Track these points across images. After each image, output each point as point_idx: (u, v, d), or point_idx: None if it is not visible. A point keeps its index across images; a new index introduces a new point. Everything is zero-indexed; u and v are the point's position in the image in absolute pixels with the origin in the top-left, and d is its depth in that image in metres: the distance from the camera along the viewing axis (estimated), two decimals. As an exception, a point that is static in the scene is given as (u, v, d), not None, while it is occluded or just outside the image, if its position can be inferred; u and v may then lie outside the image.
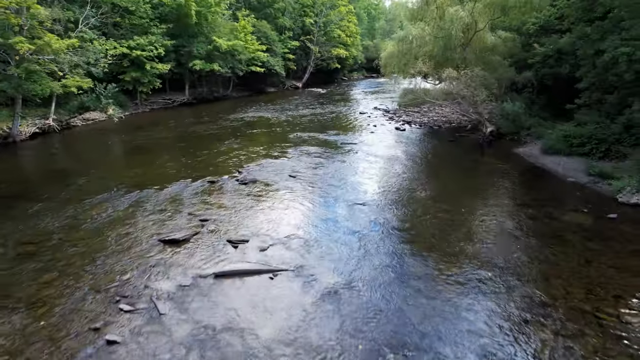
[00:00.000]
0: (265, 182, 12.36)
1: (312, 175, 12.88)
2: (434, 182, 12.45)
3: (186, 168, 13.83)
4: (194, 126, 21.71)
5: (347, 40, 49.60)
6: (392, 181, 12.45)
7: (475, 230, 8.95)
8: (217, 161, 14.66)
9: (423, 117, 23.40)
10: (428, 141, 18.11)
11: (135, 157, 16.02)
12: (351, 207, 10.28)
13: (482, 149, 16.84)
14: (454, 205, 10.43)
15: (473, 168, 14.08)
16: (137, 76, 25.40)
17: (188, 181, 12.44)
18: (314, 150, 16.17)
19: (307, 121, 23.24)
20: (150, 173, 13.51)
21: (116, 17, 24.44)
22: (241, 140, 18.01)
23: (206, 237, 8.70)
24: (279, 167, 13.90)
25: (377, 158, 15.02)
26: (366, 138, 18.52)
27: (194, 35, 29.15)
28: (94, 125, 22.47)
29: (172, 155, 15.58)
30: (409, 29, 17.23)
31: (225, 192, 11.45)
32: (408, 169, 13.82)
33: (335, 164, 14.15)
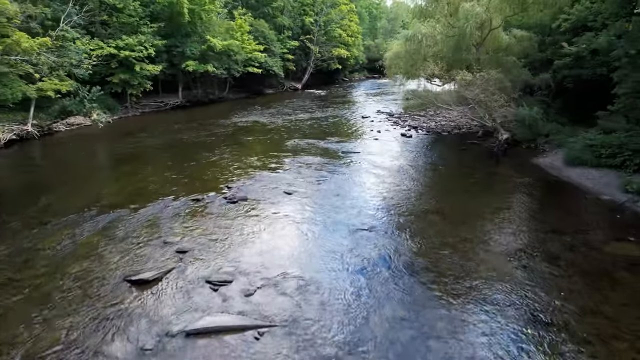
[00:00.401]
0: (257, 200, 10.89)
1: (311, 192, 11.41)
2: (448, 201, 10.97)
3: (170, 182, 12.37)
4: (184, 132, 20.24)
5: (348, 40, 48.10)
6: (401, 199, 10.97)
7: (505, 268, 7.47)
8: (206, 174, 13.20)
9: (430, 122, 21.93)
10: (437, 149, 16.63)
11: (116, 168, 14.55)
12: (355, 233, 8.81)
13: (497, 159, 15.37)
14: (475, 231, 8.96)
15: (490, 182, 12.60)
16: (126, 78, 23.94)
17: (170, 199, 10.98)
18: (313, 160, 14.70)
19: (306, 126, 21.77)
20: (129, 188, 12.04)
21: (103, 15, 22.98)
22: (234, 149, 16.54)
23: (182, 276, 7.23)
24: (273, 181, 12.43)
25: (383, 170, 13.55)
26: (370, 146, 17.05)
27: (187, 35, 27.70)
28: (78, 131, 21.02)
29: (156, 167, 14.12)
30: (417, 27, 15.75)
31: (211, 214, 9.98)
32: (418, 183, 12.34)
33: (337, 178, 12.68)
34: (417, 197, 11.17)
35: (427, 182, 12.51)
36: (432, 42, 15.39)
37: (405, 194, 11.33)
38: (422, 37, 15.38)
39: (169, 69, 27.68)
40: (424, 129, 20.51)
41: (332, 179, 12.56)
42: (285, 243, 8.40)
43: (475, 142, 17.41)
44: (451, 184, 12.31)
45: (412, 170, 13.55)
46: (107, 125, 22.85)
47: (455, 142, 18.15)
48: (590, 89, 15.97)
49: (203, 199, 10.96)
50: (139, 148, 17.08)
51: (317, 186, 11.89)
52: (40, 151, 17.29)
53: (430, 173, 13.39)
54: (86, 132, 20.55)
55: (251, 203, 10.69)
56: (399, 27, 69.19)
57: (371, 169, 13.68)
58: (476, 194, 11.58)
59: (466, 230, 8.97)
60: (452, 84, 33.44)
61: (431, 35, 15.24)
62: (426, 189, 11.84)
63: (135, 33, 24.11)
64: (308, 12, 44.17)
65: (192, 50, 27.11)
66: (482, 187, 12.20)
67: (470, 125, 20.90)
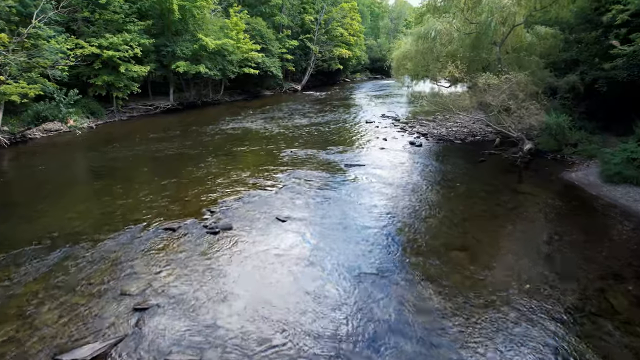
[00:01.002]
0: (243, 230, 9.06)
1: (309, 220, 9.57)
2: (473, 232, 9.11)
3: (144, 205, 10.54)
4: (170, 140, 18.41)
5: (350, 39, 46.19)
6: (417, 230, 9.13)
7: (565, 341, 5.62)
8: (187, 193, 11.37)
9: (440, 128, 20.08)
10: (452, 162, 14.77)
11: (85, 185, 12.71)
12: (364, 281, 6.97)
13: (521, 172, 13.54)
14: (512, 278, 7.11)
15: (519, 204, 10.73)
16: (111, 80, 22.12)
17: (140, 227, 9.16)
18: (312, 176, 12.87)
19: (305, 133, 19.92)
20: (95, 212, 10.21)
21: (85, 11, 21.15)
22: (222, 161, 14.70)
23: (134, 351, 5.40)
24: (265, 202, 10.60)
25: (393, 189, 11.71)
26: (376, 157, 15.20)
27: (178, 34, 25.90)
28: (55, 139, 19.23)
29: (131, 184, 12.29)
30: (430, 23, 13.89)
31: (185, 250, 8.15)
32: (435, 207, 10.49)
33: (339, 200, 10.84)
34: (435, 226, 9.32)
35: (446, 205, 10.65)
36: (448, 40, 13.52)
37: (421, 222, 9.48)
38: (437, 35, 13.48)
39: (159, 69, 25.89)
40: (435, 136, 18.65)
41: (333, 201, 10.71)
42: (275, 297, 6.56)
43: (493, 152, 15.56)
44: (473, 208, 10.46)
45: (426, 190, 11.70)
46: (90, 131, 21.10)
47: (470, 152, 16.29)
48: (624, 92, 14.14)
49: (179, 228, 9.14)
50: (117, 160, 15.25)
51: (316, 211, 10.05)
52: (6, 162, 15.47)
53: (447, 193, 11.54)
54: (63, 140, 18.74)
55: (236, 234, 8.86)
56: (402, 26, 67.40)
57: (379, 187, 11.83)
58: (505, 220, 9.72)
59: (501, 276, 7.13)
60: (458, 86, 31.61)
61: (447, 33, 13.36)
62: (445, 214, 9.98)
63: (121, 31, 22.28)
64: (308, 10, 42.31)
65: (183, 50, 25.28)
66: (510, 210, 10.34)
67: (484, 131, 19.06)
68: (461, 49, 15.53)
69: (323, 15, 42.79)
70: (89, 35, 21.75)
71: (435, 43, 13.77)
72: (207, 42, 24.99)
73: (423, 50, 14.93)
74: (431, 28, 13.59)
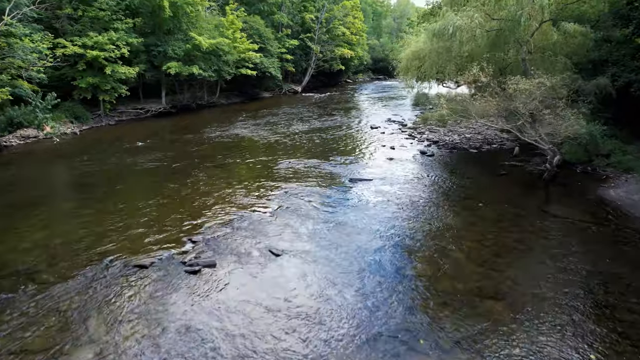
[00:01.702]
0: (228, 268, 7.48)
1: (308, 253, 7.97)
2: (506, 270, 7.50)
3: (115, 232, 8.95)
4: (156, 149, 16.81)
5: (352, 38, 44.50)
6: (439, 269, 7.53)
7: None
8: (168, 216, 9.77)
9: (452, 134, 18.47)
10: (470, 175, 13.15)
11: (49, 205, 11.04)
12: (377, 347, 5.38)
13: (548, 188, 11.95)
14: (568, 344, 5.50)
15: (556, 232, 9.09)
16: (96, 82, 20.54)
17: (105, 264, 7.60)
18: (312, 194, 11.27)
19: (304, 141, 18.30)
20: (54, 241, 8.62)
21: (67, 8, 19.57)
22: (212, 175, 13.10)
23: None
24: (256, 230, 9.01)
25: (406, 211, 10.10)
26: (384, 170, 13.59)
27: (170, 32, 24.30)
28: (34, 146, 17.70)
29: (103, 205, 10.67)
30: (449, 18, 12.16)
31: (155, 297, 6.57)
32: (458, 236, 8.87)
33: (344, 226, 9.23)
34: (462, 263, 7.70)
35: (470, 233, 9.03)
36: (468, 37, 11.87)
37: (445, 258, 7.87)
38: (456, 31, 11.80)
39: (150, 71, 24.30)
40: (447, 144, 17.03)
41: (337, 228, 9.10)
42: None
43: (514, 164, 13.97)
44: (504, 237, 8.84)
45: (445, 212, 10.08)
46: (73, 138, 19.56)
47: (488, 162, 14.69)
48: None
49: (152, 265, 7.55)
50: (93, 173, 13.66)
51: (317, 242, 8.44)
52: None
53: (469, 216, 9.91)
54: (41, 148, 17.18)
55: (220, 274, 7.27)
56: (405, 25, 65.73)
57: (390, 209, 10.22)
58: (543, 254, 8.09)
59: (554, 340, 5.53)
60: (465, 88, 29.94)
61: (468, 29, 11.70)
62: (471, 246, 8.37)
63: (107, 30, 20.70)
64: (308, 8, 40.65)
65: (175, 49, 23.67)
66: (547, 240, 8.72)
67: (500, 138, 17.46)
68: (478, 48, 13.91)
69: (324, 13, 41.16)
70: (73, 34, 20.22)
71: (453, 41, 12.08)
72: (200, 42, 23.39)
73: (438, 49, 13.29)
74: (449, 23, 11.89)
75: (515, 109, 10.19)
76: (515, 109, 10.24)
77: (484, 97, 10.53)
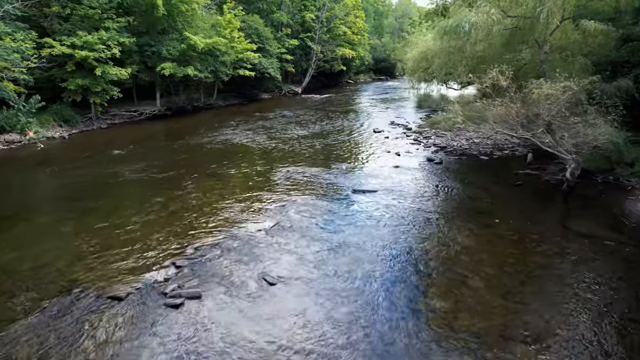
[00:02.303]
0: (215, 300, 6.52)
1: (307, 284, 7.00)
2: (538, 306, 6.53)
3: (90, 255, 8.00)
4: (143, 157, 15.83)
5: (353, 38, 43.49)
6: (458, 301, 6.57)
7: None
8: (150, 235, 8.81)
9: (460, 139, 17.47)
10: (482, 185, 12.17)
11: (26, 222, 10.04)
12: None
13: (568, 201, 10.99)
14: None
15: (586, 255, 8.11)
16: (86, 83, 19.60)
17: (74, 295, 6.66)
18: (311, 207, 10.31)
19: (304, 147, 17.33)
20: (23, 268, 7.64)
21: (55, 5, 18.62)
22: (203, 186, 12.13)
23: None
24: (249, 252, 8.05)
25: (415, 229, 9.14)
26: (389, 179, 12.62)
27: (164, 32, 23.35)
28: (19, 151, 16.83)
29: (79, 222, 9.71)
30: (462, 14, 11.13)
31: (129, 340, 5.61)
32: (475, 260, 7.90)
33: (347, 247, 8.26)
34: (483, 295, 6.72)
35: (489, 256, 8.05)
36: (484, 35, 10.85)
37: (463, 288, 6.90)
38: (471, 29, 10.76)
39: (144, 72, 23.34)
40: (455, 150, 16.06)
41: (339, 251, 8.13)
42: None
43: (529, 172, 13.01)
44: (528, 262, 7.86)
45: (458, 230, 9.11)
46: (62, 142, 18.64)
47: (501, 171, 13.74)
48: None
49: (128, 296, 6.60)
50: (76, 184, 12.70)
51: (317, 268, 7.47)
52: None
53: (486, 234, 8.94)
54: (24, 154, 16.27)
55: (205, 308, 6.32)
56: (407, 25, 64.72)
57: (398, 226, 9.25)
58: (570, 284, 7.08)
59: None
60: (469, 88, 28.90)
61: (485, 26, 10.66)
62: (492, 273, 7.40)
63: (97, 29, 19.75)
64: (309, 7, 39.67)
65: (170, 50, 22.71)
66: (577, 265, 7.73)
67: (510, 143, 16.43)
68: (490, 48, 12.93)
69: (325, 12, 40.17)
70: (62, 33, 19.27)
71: (467, 39, 11.02)
72: (195, 41, 22.43)
73: (449, 49, 12.32)
74: (463, 20, 10.87)
75: (537, 115, 9.22)
76: (536, 116, 9.26)
77: (504, 103, 9.53)
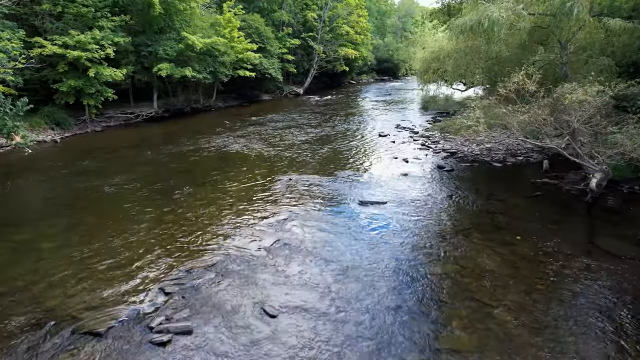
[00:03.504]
0: (207, 337, 5.69)
1: (310, 316, 6.16)
2: (577, 348, 5.70)
3: (69, 279, 7.19)
4: (136, 165, 15.03)
5: (356, 38, 42.62)
6: (476, 335, 5.73)
7: None
8: (138, 255, 7.99)
9: (470, 144, 16.60)
10: (498, 196, 11.30)
11: (2, 239, 9.27)
12: None
13: (592, 213, 10.13)
14: None
15: (625, 284, 7.27)
16: (79, 85, 18.79)
17: (46, 330, 5.83)
18: (315, 221, 9.48)
19: (306, 152, 16.48)
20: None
21: (45, 3, 17.81)
22: (198, 198, 11.29)
23: None
24: (247, 277, 7.23)
25: (428, 249, 8.30)
26: (398, 189, 11.78)
27: (161, 31, 22.53)
28: (10, 156, 16.00)
29: (64, 240, 8.91)
30: (481, 10, 10.20)
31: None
32: (493, 282, 7.06)
33: (356, 270, 7.43)
34: (511, 333, 5.87)
35: (511, 282, 7.19)
36: (507, 33, 9.94)
37: (486, 322, 6.06)
38: (493, 26, 9.80)
39: (140, 72, 22.54)
40: (466, 156, 15.22)
41: (348, 275, 7.28)
42: None
43: (547, 181, 12.14)
44: (554, 288, 7.01)
45: (476, 249, 8.26)
46: (54, 146, 17.85)
47: (516, 179, 12.92)
48: None
49: (109, 331, 5.78)
50: (60, 196, 11.87)
51: (323, 296, 6.63)
52: None
53: (506, 255, 8.08)
54: (11, 159, 15.47)
55: (195, 346, 5.49)
56: (410, 24, 63.81)
57: (411, 245, 8.42)
58: (612, 317, 6.25)
59: None
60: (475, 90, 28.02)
61: (507, 22, 9.74)
62: (517, 304, 6.55)
63: (91, 28, 18.95)
64: (310, 6, 38.81)
65: (167, 50, 21.90)
66: (610, 292, 6.89)
67: (523, 149, 15.58)
68: (505, 48, 12.08)
69: (327, 11, 39.31)
70: (54, 33, 18.48)
71: (489, 38, 10.04)
72: (193, 41, 21.60)
73: (464, 49, 11.47)
74: (483, 16, 9.93)
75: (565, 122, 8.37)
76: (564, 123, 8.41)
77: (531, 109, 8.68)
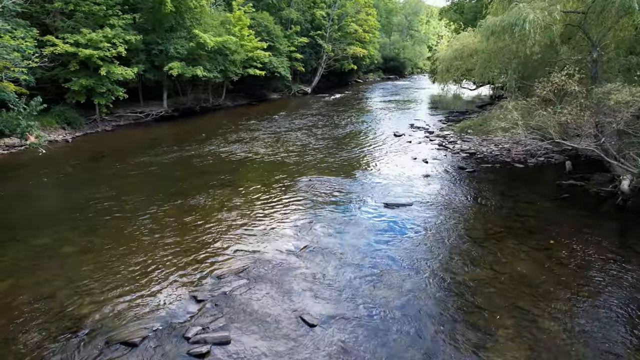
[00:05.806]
0: (246, 345, 5.49)
1: (352, 326, 5.92)
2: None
3: (95, 283, 6.98)
4: (151, 165, 14.80)
5: (364, 36, 42.28)
6: (524, 346, 5.49)
7: None
8: (164, 259, 7.77)
9: (488, 144, 16.32)
10: (525, 198, 11.03)
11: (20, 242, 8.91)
12: None
13: (625, 216, 9.85)
14: None
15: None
16: (90, 84, 18.58)
17: (79, 339, 5.67)
18: (342, 225, 9.23)
19: (323, 152, 16.24)
20: (13, 301, 6.63)
21: (57, 2, 17.59)
22: (217, 198, 11.06)
23: None
24: (281, 282, 7.00)
25: (462, 253, 8.04)
26: (422, 191, 11.53)
27: (172, 30, 22.28)
28: (18, 157, 15.83)
29: (85, 243, 8.70)
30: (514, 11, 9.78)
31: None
32: (532, 288, 6.81)
33: (391, 275, 7.19)
34: (561, 344, 5.60)
35: (552, 289, 6.92)
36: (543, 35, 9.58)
37: (532, 332, 5.82)
38: (530, 28, 9.41)
39: (150, 71, 22.30)
40: (485, 157, 14.95)
41: (384, 280, 7.03)
42: None
43: (573, 183, 11.86)
44: (598, 295, 6.76)
45: (511, 254, 8.00)
46: (65, 146, 17.69)
47: (541, 181, 12.67)
48: None
49: (144, 341, 5.56)
50: (78, 196, 11.64)
51: (362, 304, 6.39)
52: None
53: (542, 261, 7.82)
54: (25, 159, 15.30)
55: (236, 357, 5.26)
56: (417, 23, 63.47)
57: (444, 248, 8.18)
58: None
59: None
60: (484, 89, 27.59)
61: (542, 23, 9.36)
62: (562, 312, 6.29)
63: (102, 26, 18.74)
64: (319, 4, 38.49)
65: (178, 48, 21.67)
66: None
67: (544, 150, 15.24)
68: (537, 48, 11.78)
69: (336, 9, 39.00)
70: (65, 31, 18.27)
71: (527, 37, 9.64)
72: (205, 40, 21.36)
73: (495, 49, 11.17)
74: (519, 18, 9.60)
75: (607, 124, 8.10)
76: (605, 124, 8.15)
77: (573, 110, 8.42)
